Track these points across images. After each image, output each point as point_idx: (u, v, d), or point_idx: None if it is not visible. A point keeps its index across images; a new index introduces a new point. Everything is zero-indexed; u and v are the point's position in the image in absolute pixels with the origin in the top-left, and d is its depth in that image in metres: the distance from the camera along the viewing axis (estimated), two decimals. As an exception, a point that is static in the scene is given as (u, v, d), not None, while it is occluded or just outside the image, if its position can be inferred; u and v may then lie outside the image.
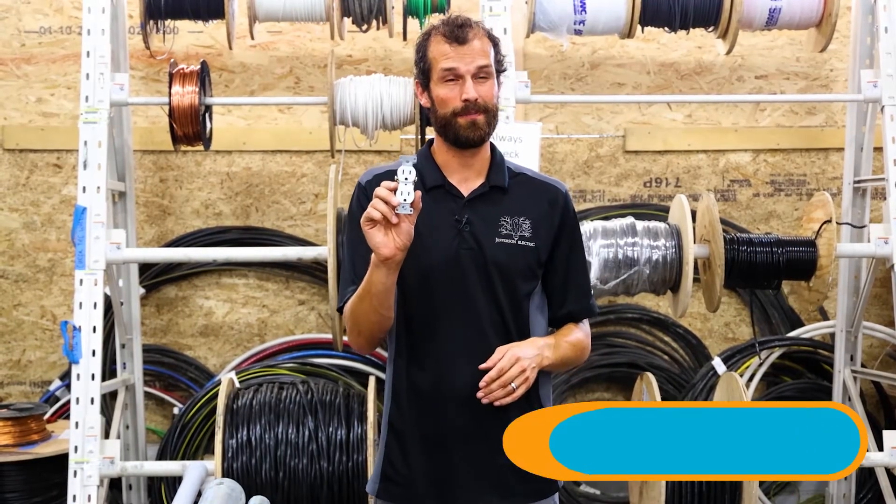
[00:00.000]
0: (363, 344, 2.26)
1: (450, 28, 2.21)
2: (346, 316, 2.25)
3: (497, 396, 2.13)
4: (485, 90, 2.20)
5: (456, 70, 2.19)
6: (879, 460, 3.66)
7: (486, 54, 2.21)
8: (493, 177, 2.29)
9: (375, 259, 2.08)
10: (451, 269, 2.23)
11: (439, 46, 2.21)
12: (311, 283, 4.62)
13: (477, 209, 2.26)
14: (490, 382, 2.13)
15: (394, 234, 2.05)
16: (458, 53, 2.19)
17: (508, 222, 2.26)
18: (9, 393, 4.61)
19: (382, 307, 2.16)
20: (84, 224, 3.58)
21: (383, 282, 2.11)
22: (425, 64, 2.24)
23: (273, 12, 3.93)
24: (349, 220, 2.32)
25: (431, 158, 2.30)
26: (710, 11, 3.91)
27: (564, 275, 2.31)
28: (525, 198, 2.30)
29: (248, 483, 3.28)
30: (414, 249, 2.13)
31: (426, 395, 2.25)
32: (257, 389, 3.65)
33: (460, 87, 2.19)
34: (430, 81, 2.23)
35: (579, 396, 4.60)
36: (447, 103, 2.20)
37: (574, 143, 4.66)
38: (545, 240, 2.29)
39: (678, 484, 3.45)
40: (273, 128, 4.59)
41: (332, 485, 3.43)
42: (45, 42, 4.52)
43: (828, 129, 4.67)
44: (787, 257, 3.70)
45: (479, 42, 2.21)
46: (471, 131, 2.21)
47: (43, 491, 3.81)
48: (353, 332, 2.24)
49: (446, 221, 2.24)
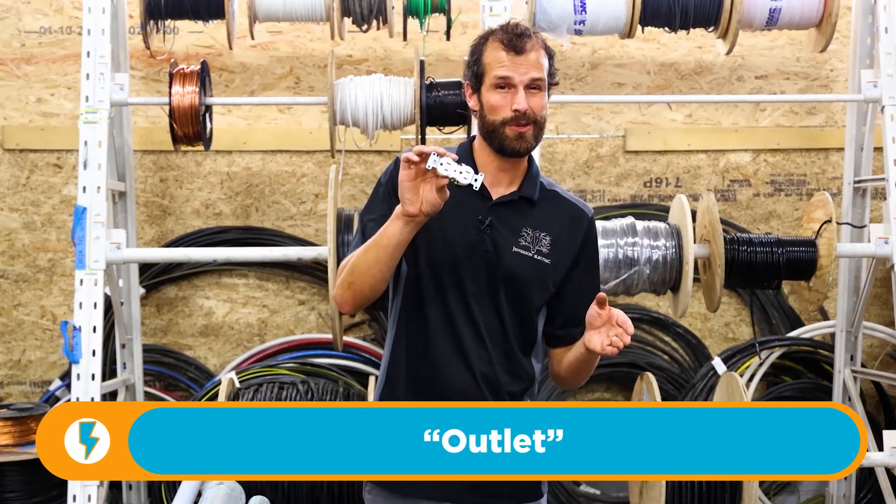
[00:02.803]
0: (349, 299, 2.24)
1: (509, 36, 2.21)
2: (343, 266, 2.24)
3: (625, 342, 2.08)
4: (536, 102, 2.20)
5: (510, 80, 2.19)
6: (879, 460, 3.66)
7: (541, 67, 2.21)
8: (525, 188, 2.29)
9: (398, 211, 2.09)
10: (463, 267, 2.24)
11: (496, 53, 2.21)
12: (311, 283, 4.62)
13: (502, 215, 2.26)
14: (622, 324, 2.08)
15: (424, 196, 2.05)
16: (513, 63, 2.19)
17: (529, 234, 2.27)
18: (9, 393, 4.61)
19: (385, 264, 2.16)
20: (84, 224, 3.58)
21: (397, 236, 2.11)
22: (479, 68, 2.24)
23: (273, 12, 3.93)
24: (374, 191, 2.33)
25: (471, 155, 2.31)
26: (710, 11, 3.91)
27: (574, 298, 2.29)
28: (550, 214, 2.30)
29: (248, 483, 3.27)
30: (433, 238, 2.16)
31: (420, 385, 2.27)
32: (257, 389, 3.66)
33: (512, 96, 2.19)
34: (481, 86, 2.24)
35: (579, 396, 4.60)
36: (497, 111, 2.20)
37: (574, 143, 4.66)
38: (562, 259, 2.29)
39: (678, 484, 3.45)
40: (273, 128, 4.59)
41: (332, 485, 3.43)
42: (45, 42, 4.52)
43: (828, 129, 4.67)
44: (787, 257, 3.70)
45: (536, 54, 2.21)
46: (518, 143, 2.21)
47: (43, 491, 3.82)
48: (345, 283, 2.23)
49: (470, 220, 2.25)
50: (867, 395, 4.56)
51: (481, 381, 2.26)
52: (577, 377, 2.32)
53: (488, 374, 2.26)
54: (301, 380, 3.96)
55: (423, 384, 2.27)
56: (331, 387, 3.83)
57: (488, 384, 2.26)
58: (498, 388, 2.27)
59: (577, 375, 2.32)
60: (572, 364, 2.28)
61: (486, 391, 2.26)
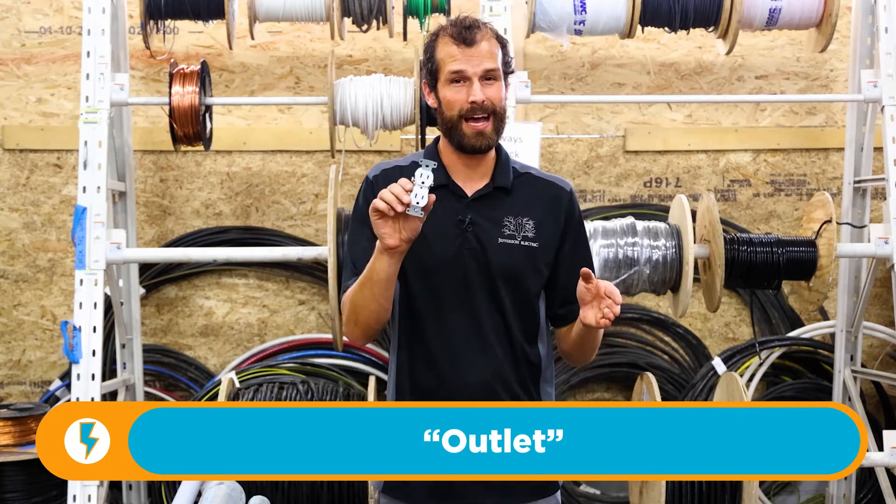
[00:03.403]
0: (359, 334, 2.24)
1: (457, 29, 2.19)
2: (344, 304, 2.24)
3: (615, 313, 2.07)
4: (492, 92, 2.19)
5: (463, 72, 2.18)
6: (879, 460, 3.66)
7: (494, 56, 2.20)
8: (498, 178, 2.28)
9: (380, 246, 2.08)
10: (452, 269, 2.23)
11: (447, 48, 2.20)
12: (311, 283, 4.62)
13: (480, 210, 2.25)
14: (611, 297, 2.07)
15: (400, 226, 2.05)
16: (465, 55, 2.18)
17: (512, 222, 2.26)
18: (9, 393, 4.61)
19: (382, 296, 2.15)
20: (84, 224, 3.58)
21: (386, 270, 2.11)
22: (433, 65, 2.23)
23: (273, 12, 3.94)
24: (353, 213, 2.33)
25: (437, 157, 2.29)
26: (710, 11, 3.91)
27: (569, 275, 2.27)
28: (529, 197, 2.29)
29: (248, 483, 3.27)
30: (417, 248, 2.13)
31: (427, 393, 2.25)
32: (257, 389, 3.66)
33: (467, 89, 2.18)
34: (437, 82, 2.23)
35: (579, 396, 4.60)
36: (453, 105, 2.19)
37: (574, 143, 4.66)
38: (549, 239, 2.28)
39: (678, 484, 3.45)
40: (273, 128, 4.59)
41: (332, 485, 3.43)
42: (45, 42, 4.52)
43: (828, 129, 4.67)
44: (787, 257, 3.70)
45: (487, 44, 2.19)
46: (477, 140, 2.20)
47: (43, 491, 3.82)
48: (350, 321, 2.23)
49: (450, 221, 2.23)
50: (867, 395, 4.56)
51: (489, 381, 2.24)
52: (583, 354, 2.31)
53: (495, 373, 2.25)
54: (301, 380, 3.96)
55: (429, 392, 2.25)
56: (331, 387, 3.83)
57: (496, 382, 2.25)
58: (508, 383, 2.26)
59: (583, 352, 2.31)
60: (576, 341, 2.27)
61: (496, 390, 2.25)
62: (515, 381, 2.27)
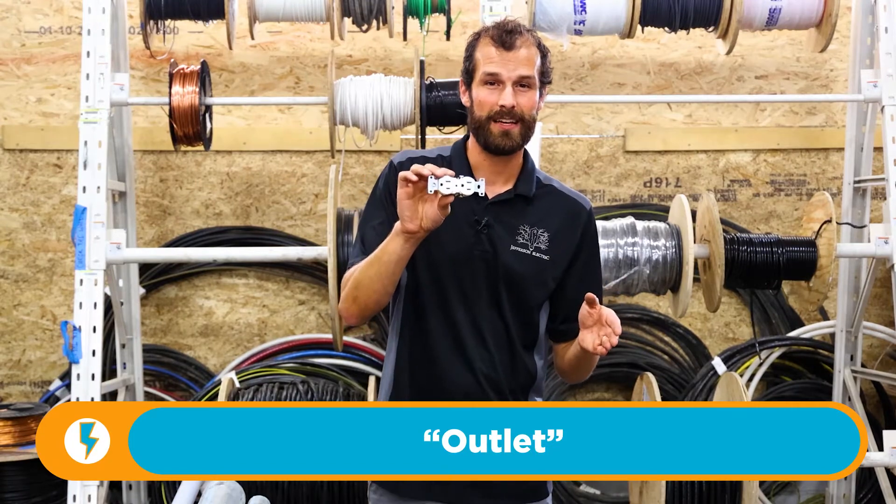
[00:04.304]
0: (355, 312, 2.25)
1: (499, 32, 2.20)
2: (346, 280, 2.25)
3: (613, 343, 2.07)
4: (524, 100, 2.20)
5: (498, 76, 2.19)
6: (879, 460, 3.66)
7: (531, 64, 2.20)
8: (521, 185, 2.28)
9: (398, 228, 2.09)
10: (461, 268, 2.24)
11: (486, 49, 2.21)
12: (311, 283, 4.62)
13: (498, 214, 2.26)
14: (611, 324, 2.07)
15: (423, 212, 2.05)
16: (502, 59, 2.18)
17: (527, 232, 2.26)
18: (9, 393, 4.61)
19: (388, 279, 2.16)
20: (84, 224, 3.58)
21: (398, 252, 2.11)
22: (470, 64, 2.24)
23: (273, 12, 3.94)
24: (371, 196, 2.33)
25: (464, 155, 2.30)
26: (710, 11, 3.91)
27: (575, 293, 2.26)
28: (548, 209, 2.30)
29: (248, 483, 3.28)
30: (430, 240, 2.14)
31: (423, 388, 2.27)
32: (257, 389, 3.66)
33: (499, 92, 2.19)
34: (472, 82, 2.24)
35: (579, 396, 4.60)
36: (484, 106, 2.20)
37: (574, 143, 4.66)
38: (562, 254, 2.28)
39: (678, 484, 3.45)
40: (273, 128, 4.59)
41: (332, 485, 3.43)
42: (45, 42, 4.52)
43: (828, 129, 4.67)
44: (787, 257, 3.70)
45: (527, 50, 2.20)
46: (502, 140, 2.21)
47: (43, 491, 3.82)
48: (350, 297, 2.23)
49: (466, 220, 2.24)
50: (867, 395, 4.56)
51: (484, 383, 2.25)
52: (578, 373, 2.32)
53: (491, 375, 2.26)
54: (301, 380, 3.96)
55: (426, 389, 2.26)
56: (331, 387, 3.83)
57: (491, 385, 2.26)
58: (501, 388, 2.27)
59: (578, 372, 2.32)
60: (573, 360, 2.28)
61: (489, 392, 2.26)
62: (508, 386, 2.28)
